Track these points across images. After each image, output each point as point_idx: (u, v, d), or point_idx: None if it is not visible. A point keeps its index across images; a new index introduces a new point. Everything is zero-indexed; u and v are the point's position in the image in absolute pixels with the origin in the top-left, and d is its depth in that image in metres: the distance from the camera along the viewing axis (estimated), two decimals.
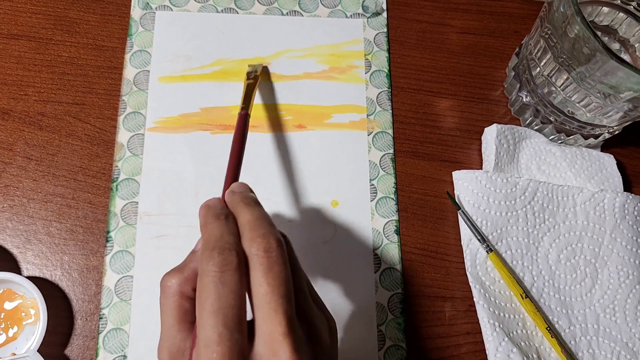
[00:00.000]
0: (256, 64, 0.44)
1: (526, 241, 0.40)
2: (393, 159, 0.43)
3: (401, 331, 0.38)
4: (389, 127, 0.44)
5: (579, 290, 0.39)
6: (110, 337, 0.37)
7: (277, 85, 0.44)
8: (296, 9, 0.46)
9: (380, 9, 0.47)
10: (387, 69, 0.45)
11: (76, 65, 0.43)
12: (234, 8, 0.46)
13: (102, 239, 0.39)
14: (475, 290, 0.38)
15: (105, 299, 0.38)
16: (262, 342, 0.23)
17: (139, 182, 0.41)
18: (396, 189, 0.42)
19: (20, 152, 0.41)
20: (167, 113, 0.43)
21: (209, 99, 0.43)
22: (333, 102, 0.44)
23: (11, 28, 0.44)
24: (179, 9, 0.45)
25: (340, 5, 0.47)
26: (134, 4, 0.45)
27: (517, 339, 0.37)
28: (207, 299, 0.22)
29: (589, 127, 0.41)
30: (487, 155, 0.42)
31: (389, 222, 0.41)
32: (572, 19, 0.34)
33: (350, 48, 0.46)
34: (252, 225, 0.25)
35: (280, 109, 0.43)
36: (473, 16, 0.48)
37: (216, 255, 0.23)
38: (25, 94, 0.42)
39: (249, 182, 0.40)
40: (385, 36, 0.46)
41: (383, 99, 0.44)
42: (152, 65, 0.44)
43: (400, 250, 0.40)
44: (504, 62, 0.47)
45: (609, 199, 0.40)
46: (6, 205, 0.40)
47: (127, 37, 0.44)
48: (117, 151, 0.41)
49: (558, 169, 0.42)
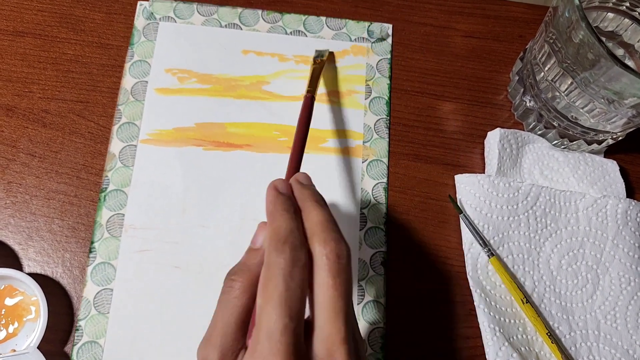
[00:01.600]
0: (322, 49, 0.44)
1: (528, 246, 0.40)
2: (386, 189, 0.42)
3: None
4: (384, 156, 0.43)
5: (580, 296, 0.39)
6: (85, 349, 0.37)
7: (274, 105, 0.43)
8: (301, 29, 0.46)
9: (385, 35, 0.46)
10: (388, 96, 0.45)
11: (80, 63, 0.44)
12: (238, 24, 0.46)
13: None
14: (475, 294, 0.38)
15: (83, 311, 0.37)
16: (320, 341, 0.23)
17: (127, 194, 0.40)
18: (386, 219, 0.41)
19: (23, 148, 0.41)
20: (162, 126, 0.42)
21: (205, 114, 0.43)
22: (330, 126, 0.43)
23: (17, 25, 0.44)
24: (183, 21, 0.45)
25: (346, 29, 0.46)
26: (139, 13, 0.45)
27: (517, 344, 0.37)
28: (275, 290, 0.23)
29: (592, 133, 0.41)
30: (490, 160, 0.42)
31: (377, 253, 0.40)
32: (577, 24, 0.34)
33: (351, 72, 0.45)
34: (325, 227, 0.25)
35: (276, 129, 0.43)
36: (478, 20, 0.48)
37: (288, 250, 0.24)
38: (29, 91, 0.42)
39: (237, 201, 0.41)
40: (388, 63, 0.45)
41: (381, 127, 0.44)
42: (150, 76, 0.43)
43: (385, 284, 0.40)
44: (508, 67, 0.47)
45: (611, 205, 0.40)
46: (9, 202, 0.40)
47: (129, 46, 0.44)
48: (109, 161, 0.41)
49: (561, 174, 0.42)
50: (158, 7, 0.45)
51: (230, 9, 0.46)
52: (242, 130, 0.43)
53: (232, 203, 0.41)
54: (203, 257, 0.39)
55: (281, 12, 0.46)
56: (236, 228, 0.40)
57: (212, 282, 0.39)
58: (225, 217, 0.40)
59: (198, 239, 0.40)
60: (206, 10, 0.46)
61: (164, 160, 0.41)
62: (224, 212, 0.40)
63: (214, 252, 0.39)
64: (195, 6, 0.46)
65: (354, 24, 0.46)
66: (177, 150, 0.42)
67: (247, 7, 0.46)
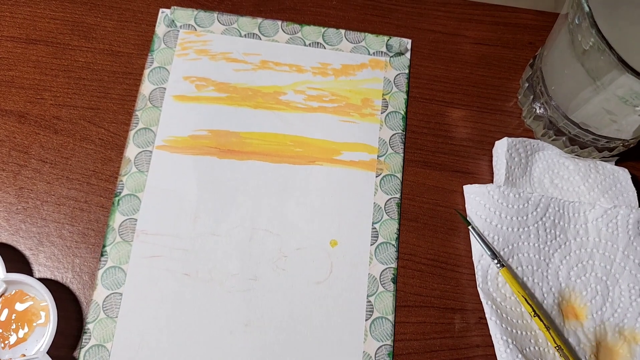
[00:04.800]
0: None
1: (537, 257, 0.39)
2: (399, 204, 0.42)
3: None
4: (398, 171, 0.43)
5: (590, 308, 0.39)
6: (92, 353, 0.37)
7: (290, 117, 0.44)
8: (319, 40, 0.46)
9: (404, 49, 0.46)
10: (404, 111, 0.44)
11: (92, 71, 0.44)
12: (257, 34, 0.46)
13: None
14: (487, 306, 0.38)
15: (92, 314, 0.38)
16: None
17: (141, 199, 0.41)
18: (398, 235, 0.41)
19: (35, 155, 0.41)
20: (178, 132, 0.43)
21: (221, 122, 0.43)
22: (345, 139, 0.43)
23: (30, 33, 0.45)
24: (203, 29, 0.46)
25: (364, 42, 0.46)
26: (160, 20, 0.46)
27: (530, 355, 0.36)
28: None
29: (603, 140, 0.41)
30: (498, 169, 0.42)
31: (387, 269, 0.40)
32: (587, 32, 0.33)
33: (369, 86, 0.45)
34: None
35: (291, 140, 0.43)
36: (487, 27, 0.48)
37: None
38: (41, 97, 0.43)
39: (249, 210, 0.41)
40: (406, 77, 0.45)
41: (396, 142, 0.43)
42: (169, 83, 0.44)
43: (394, 300, 0.39)
44: (517, 74, 0.46)
45: (622, 216, 0.40)
46: (20, 207, 0.40)
47: (149, 53, 0.44)
48: (124, 166, 0.41)
49: (571, 182, 0.42)
50: (179, 15, 0.46)
51: (250, 19, 0.46)
52: (257, 140, 0.43)
53: (244, 212, 0.41)
54: (213, 265, 0.39)
55: (300, 24, 0.46)
56: (247, 238, 0.40)
57: (220, 291, 0.39)
58: (236, 226, 0.40)
59: (209, 247, 0.40)
60: (226, 19, 0.46)
61: (178, 167, 0.42)
62: (236, 221, 0.40)
63: (224, 260, 0.39)
64: (215, 15, 0.46)
65: (373, 38, 0.46)
66: (191, 158, 0.42)
67: (266, 17, 0.46)
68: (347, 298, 0.39)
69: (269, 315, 0.38)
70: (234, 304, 0.38)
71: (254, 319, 0.38)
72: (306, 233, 0.41)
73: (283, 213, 0.41)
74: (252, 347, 0.37)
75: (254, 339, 0.38)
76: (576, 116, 0.40)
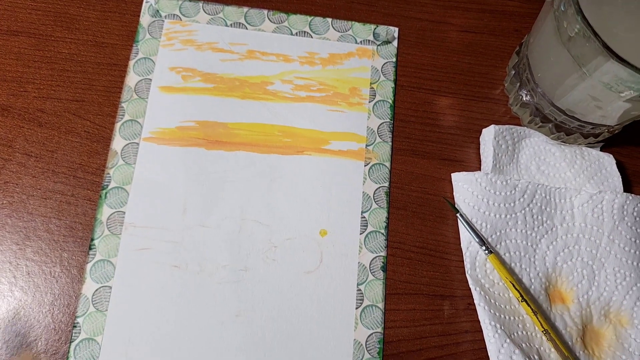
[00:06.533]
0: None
1: (524, 243, 0.40)
2: (387, 193, 0.42)
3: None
4: (386, 160, 0.43)
5: (576, 292, 0.39)
6: (82, 346, 0.37)
7: (278, 107, 0.43)
8: (306, 29, 0.46)
9: (391, 37, 0.46)
10: (392, 99, 0.44)
11: (76, 62, 0.43)
12: (244, 23, 0.45)
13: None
14: (475, 292, 0.38)
15: (81, 308, 0.37)
16: None
17: (129, 191, 0.40)
18: (387, 223, 0.41)
19: (19, 148, 0.41)
20: (165, 124, 0.42)
21: (208, 113, 0.43)
22: (333, 128, 0.43)
23: (11, 24, 0.44)
24: (188, 19, 0.45)
25: (351, 31, 0.46)
26: (144, 10, 0.45)
27: (518, 340, 0.37)
28: None
29: (589, 126, 0.41)
30: (485, 157, 0.42)
31: (377, 257, 0.40)
32: (573, 18, 0.34)
33: (356, 75, 0.45)
34: None
35: (279, 130, 0.43)
36: (473, 14, 0.48)
37: None
38: (24, 90, 0.42)
39: (238, 202, 0.41)
40: (393, 66, 0.45)
41: (384, 131, 0.44)
42: (154, 74, 0.43)
43: (384, 288, 0.40)
44: (504, 61, 0.47)
45: (607, 201, 0.40)
46: (5, 202, 0.40)
47: (134, 44, 0.44)
48: (110, 158, 0.41)
49: (557, 169, 0.42)
50: (164, 5, 0.45)
51: (236, 8, 0.46)
52: (245, 131, 0.43)
53: (233, 203, 0.41)
54: (202, 257, 0.39)
55: (287, 13, 0.46)
56: (236, 229, 0.40)
57: (210, 282, 0.39)
58: (225, 217, 0.40)
59: (198, 239, 0.40)
60: (212, 9, 0.45)
61: (166, 158, 0.41)
62: (225, 212, 0.40)
63: (214, 252, 0.39)
64: (201, 4, 0.45)
65: (360, 26, 0.46)
66: (179, 149, 0.42)
67: (252, 7, 0.46)
68: (338, 287, 0.39)
69: (260, 305, 0.38)
70: (225, 295, 0.38)
71: (245, 309, 0.38)
72: (296, 223, 0.41)
73: (272, 203, 0.41)
74: (244, 337, 0.38)
75: (245, 330, 0.38)
76: (562, 103, 0.40)
